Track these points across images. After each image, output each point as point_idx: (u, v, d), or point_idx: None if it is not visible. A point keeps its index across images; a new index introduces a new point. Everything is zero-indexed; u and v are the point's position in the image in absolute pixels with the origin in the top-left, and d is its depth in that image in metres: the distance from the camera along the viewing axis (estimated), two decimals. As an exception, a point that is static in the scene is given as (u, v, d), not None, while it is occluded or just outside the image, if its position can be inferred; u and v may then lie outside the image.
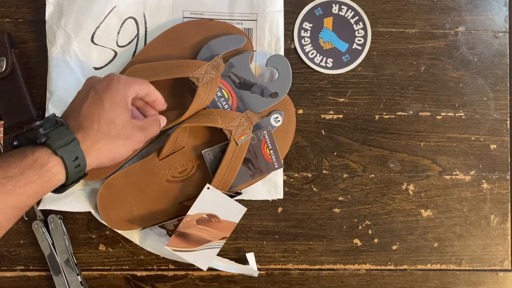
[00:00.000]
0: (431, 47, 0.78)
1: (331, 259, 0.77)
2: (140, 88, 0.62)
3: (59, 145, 0.53)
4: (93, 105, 0.58)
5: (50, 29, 0.74)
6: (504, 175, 0.78)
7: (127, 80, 0.61)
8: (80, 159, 0.55)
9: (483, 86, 0.78)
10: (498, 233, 0.78)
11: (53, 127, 0.55)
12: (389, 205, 0.77)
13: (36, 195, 0.53)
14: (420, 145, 0.78)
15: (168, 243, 0.70)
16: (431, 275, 0.77)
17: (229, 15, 0.75)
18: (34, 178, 0.52)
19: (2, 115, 0.73)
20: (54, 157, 0.53)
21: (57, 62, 0.73)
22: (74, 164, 0.54)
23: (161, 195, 0.72)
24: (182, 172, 0.73)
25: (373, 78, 0.78)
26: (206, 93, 0.69)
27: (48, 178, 0.53)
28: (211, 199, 0.69)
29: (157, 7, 0.75)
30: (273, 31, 0.75)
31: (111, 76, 0.61)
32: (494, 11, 0.79)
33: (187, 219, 0.69)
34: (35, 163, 0.52)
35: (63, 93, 0.73)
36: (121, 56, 0.74)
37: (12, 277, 0.75)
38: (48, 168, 0.53)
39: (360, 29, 0.78)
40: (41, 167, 0.52)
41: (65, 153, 0.54)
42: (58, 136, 0.54)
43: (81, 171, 0.56)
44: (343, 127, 0.77)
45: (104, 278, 0.76)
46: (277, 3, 0.75)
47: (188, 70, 0.69)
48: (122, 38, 0.75)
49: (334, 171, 0.77)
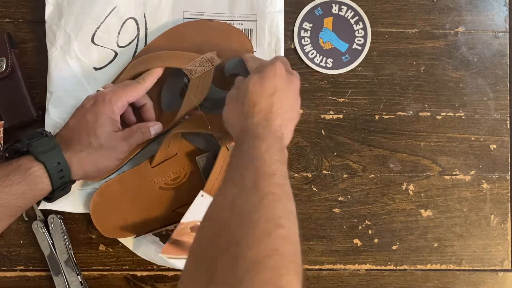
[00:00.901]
0: (431, 47, 0.78)
1: (331, 259, 0.77)
2: (130, 96, 0.66)
3: (40, 152, 0.59)
4: (78, 119, 0.64)
5: (50, 29, 0.73)
6: (504, 175, 0.78)
7: (113, 97, 0.64)
8: (62, 165, 0.59)
9: (483, 86, 0.78)
10: (498, 233, 0.78)
11: (37, 138, 0.60)
12: (389, 205, 0.77)
13: (24, 197, 0.57)
14: (420, 145, 0.78)
15: (162, 250, 0.69)
16: (431, 275, 0.77)
17: (229, 16, 0.75)
18: (19, 180, 0.57)
19: (2, 115, 0.73)
20: (36, 162, 0.58)
21: (57, 63, 0.73)
22: (57, 170, 0.59)
23: (154, 203, 0.72)
24: (175, 179, 0.73)
25: (373, 78, 0.78)
26: (199, 86, 0.68)
27: (33, 181, 0.57)
28: (205, 206, 0.68)
29: (158, 8, 0.75)
30: (273, 31, 0.75)
31: (99, 94, 0.65)
32: (494, 11, 0.79)
33: (181, 226, 0.68)
34: (19, 168, 0.57)
35: (63, 93, 0.73)
36: (121, 57, 0.74)
37: (12, 277, 0.75)
38: (32, 172, 0.57)
39: (360, 29, 0.78)
40: (25, 171, 0.57)
41: (46, 158, 0.58)
42: (40, 144, 0.59)
43: (65, 177, 0.60)
44: (343, 127, 0.77)
45: (104, 278, 0.76)
46: (277, 4, 0.75)
47: (182, 61, 0.69)
48: (123, 38, 0.75)
49: (334, 171, 0.77)
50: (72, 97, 0.73)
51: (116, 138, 0.64)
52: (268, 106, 0.57)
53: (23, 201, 0.57)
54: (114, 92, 0.65)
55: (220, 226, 0.47)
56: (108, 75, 0.74)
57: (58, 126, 0.72)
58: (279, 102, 0.57)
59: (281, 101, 0.58)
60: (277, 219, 0.46)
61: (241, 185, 0.49)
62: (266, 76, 0.59)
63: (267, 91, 0.58)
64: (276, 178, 0.50)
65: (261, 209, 0.46)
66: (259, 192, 0.48)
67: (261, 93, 0.58)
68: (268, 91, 0.58)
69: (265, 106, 0.57)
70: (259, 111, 0.57)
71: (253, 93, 0.58)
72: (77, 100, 0.72)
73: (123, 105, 0.65)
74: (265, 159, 0.52)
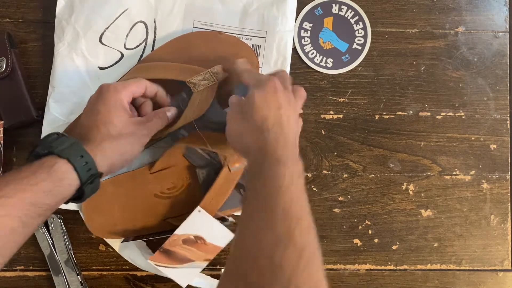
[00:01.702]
0: (431, 47, 0.78)
1: (331, 259, 0.77)
2: (135, 88, 0.64)
3: (62, 149, 0.57)
4: (89, 115, 0.62)
5: (59, 24, 0.74)
6: (504, 175, 0.78)
7: (117, 86, 0.63)
8: (86, 158, 0.58)
9: (483, 86, 0.78)
10: (498, 233, 0.78)
11: (55, 139, 0.59)
12: (389, 205, 0.77)
13: (51, 194, 0.55)
14: (420, 145, 0.78)
15: (151, 257, 0.69)
16: (431, 275, 0.77)
17: (239, 30, 0.75)
18: (45, 177, 0.55)
19: (2, 115, 0.73)
20: (59, 159, 0.56)
21: (62, 58, 0.73)
22: (82, 163, 0.57)
23: (146, 209, 0.72)
24: (171, 189, 0.73)
25: (373, 78, 0.78)
26: (202, 100, 0.67)
27: (58, 177, 0.56)
28: (200, 222, 0.69)
29: (169, 15, 0.75)
30: (281, 50, 0.75)
31: (101, 86, 0.64)
32: (494, 11, 0.79)
33: (173, 237, 0.69)
34: (43, 165, 0.56)
35: (65, 89, 0.73)
36: (127, 59, 0.74)
37: (12, 277, 0.75)
38: (57, 168, 0.56)
39: (360, 29, 0.78)
40: (49, 167, 0.55)
41: (69, 153, 0.57)
42: (60, 143, 0.58)
43: (91, 169, 0.58)
44: (343, 127, 0.77)
45: (104, 278, 0.76)
46: (287, 23, 0.75)
47: (187, 74, 0.68)
48: (131, 41, 0.74)
49: (334, 171, 0.77)
50: (74, 93, 0.73)
51: (134, 123, 0.63)
52: (279, 120, 0.57)
53: (52, 199, 0.55)
54: (116, 83, 0.64)
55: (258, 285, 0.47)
56: (112, 76, 0.74)
57: (57, 122, 0.72)
58: (286, 116, 0.58)
59: (287, 115, 0.58)
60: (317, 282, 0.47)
61: (274, 231, 0.50)
62: (268, 91, 0.58)
63: (273, 105, 0.58)
64: (305, 222, 0.51)
65: (303, 272, 0.47)
66: (295, 247, 0.48)
67: (268, 107, 0.57)
68: (274, 105, 0.58)
69: (276, 120, 0.57)
70: (272, 125, 0.56)
71: (261, 108, 0.57)
72: (79, 97, 0.72)
73: (128, 94, 0.63)
74: (292, 197, 0.52)
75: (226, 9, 0.75)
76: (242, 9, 0.75)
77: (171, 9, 0.75)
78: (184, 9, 0.75)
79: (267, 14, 0.75)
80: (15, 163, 0.75)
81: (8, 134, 0.73)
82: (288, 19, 0.75)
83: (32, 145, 0.73)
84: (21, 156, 0.75)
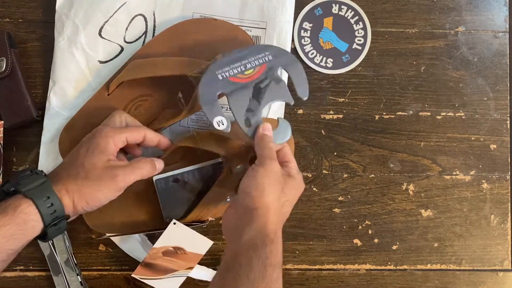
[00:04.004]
0: (431, 47, 0.78)
1: (331, 259, 0.77)
2: (130, 135, 0.64)
3: (29, 188, 0.57)
4: (73, 154, 0.63)
5: (59, 19, 0.74)
6: (504, 175, 0.78)
7: (110, 130, 0.63)
8: (52, 199, 0.57)
9: (483, 86, 0.78)
10: (498, 233, 0.78)
11: (27, 176, 0.59)
12: (389, 205, 0.77)
13: (14, 238, 0.55)
14: (420, 145, 0.78)
15: (134, 272, 0.70)
16: (431, 275, 0.77)
17: (239, 21, 0.75)
18: (8, 221, 0.55)
19: (2, 115, 0.73)
20: (25, 199, 0.56)
21: (62, 52, 0.73)
22: (46, 204, 0.57)
23: (148, 205, 0.72)
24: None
25: (373, 78, 0.78)
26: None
27: (22, 219, 0.56)
28: (178, 233, 0.69)
29: (168, 7, 0.75)
30: (281, 41, 0.75)
31: (96, 128, 0.64)
32: (494, 11, 0.79)
33: (153, 251, 0.69)
34: (8, 208, 0.55)
35: (66, 83, 0.73)
36: (127, 52, 0.74)
37: (12, 277, 0.75)
38: (21, 210, 0.56)
39: (360, 29, 0.78)
40: (14, 210, 0.55)
41: (34, 194, 0.57)
42: (29, 182, 0.58)
43: (56, 211, 0.58)
44: (343, 127, 0.77)
45: (104, 278, 0.76)
46: (287, 14, 0.75)
47: (188, 69, 0.68)
48: (130, 34, 0.75)
49: (334, 171, 0.77)
50: (74, 88, 0.73)
51: (115, 168, 0.61)
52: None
53: (14, 243, 0.55)
54: (114, 128, 0.64)
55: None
56: (112, 69, 0.74)
57: (58, 116, 0.73)
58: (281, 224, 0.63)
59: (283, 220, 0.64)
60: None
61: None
62: (259, 175, 0.60)
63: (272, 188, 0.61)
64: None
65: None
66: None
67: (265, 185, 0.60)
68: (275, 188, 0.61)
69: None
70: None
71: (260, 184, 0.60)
72: (79, 91, 0.73)
73: (120, 139, 0.63)
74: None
75: (225, 0, 0.75)
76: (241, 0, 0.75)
77: (170, 1, 0.75)
78: (183, 1, 0.75)
79: (266, 5, 0.75)
80: (15, 163, 0.75)
81: (8, 134, 0.73)
82: (287, 9, 0.75)
83: (32, 145, 0.74)
84: (21, 156, 0.75)
